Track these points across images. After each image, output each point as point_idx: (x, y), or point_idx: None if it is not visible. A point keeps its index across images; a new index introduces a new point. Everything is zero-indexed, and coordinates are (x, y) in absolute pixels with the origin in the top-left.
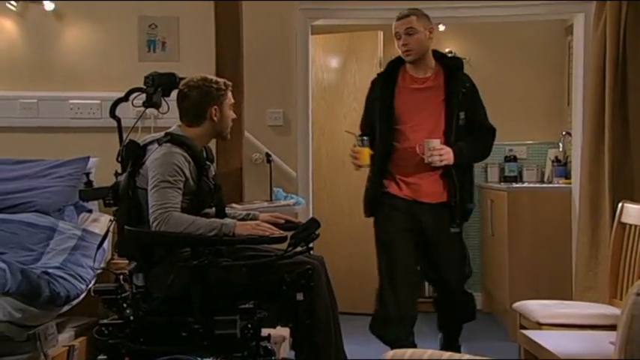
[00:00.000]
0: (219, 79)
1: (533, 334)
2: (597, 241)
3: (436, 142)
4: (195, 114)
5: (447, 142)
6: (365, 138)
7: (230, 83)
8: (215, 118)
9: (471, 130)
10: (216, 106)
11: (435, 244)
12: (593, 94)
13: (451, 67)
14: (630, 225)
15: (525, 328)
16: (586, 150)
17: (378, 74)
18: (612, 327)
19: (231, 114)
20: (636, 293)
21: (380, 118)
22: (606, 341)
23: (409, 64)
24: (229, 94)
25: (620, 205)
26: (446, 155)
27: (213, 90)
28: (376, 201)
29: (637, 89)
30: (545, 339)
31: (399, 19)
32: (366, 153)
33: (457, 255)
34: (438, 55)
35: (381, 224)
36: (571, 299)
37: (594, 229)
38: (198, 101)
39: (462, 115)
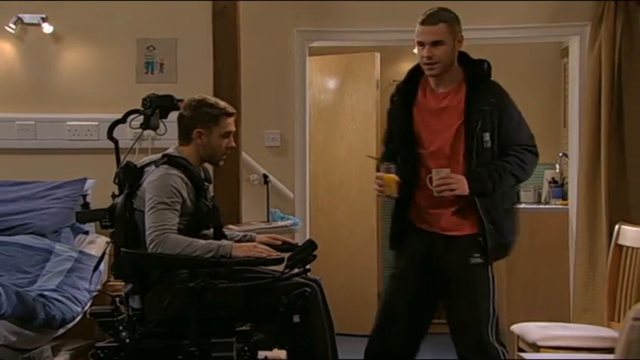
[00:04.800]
0: (219, 104)
1: (531, 357)
2: (594, 263)
3: (445, 172)
4: (183, 133)
5: (468, 170)
6: (392, 165)
7: (232, 111)
8: (199, 141)
9: (504, 153)
10: (201, 129)
11: (450, 281)
12: (589, 116)
13: (474, 78)
14: (627, 247)
15: (523, 351)
16: (582, 171)
17: (397, 86)
18: (610, 350)
19: (224, 142)
20: (633, 318)
21: (400, 142)
22: None
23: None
24: (225, 121)
25: (616, 227)
26: (456, 185)
27: (203, 112)
28: (401, 233)
29: (632, 111)
30: None
31: (425, 23)
32: (392, 181)
33: (474, 291)
34: (464, 61)
35: (397, 256)
36: (569, 321)
37: (591, 251)
38: (186, 121)
39: (486, 136)
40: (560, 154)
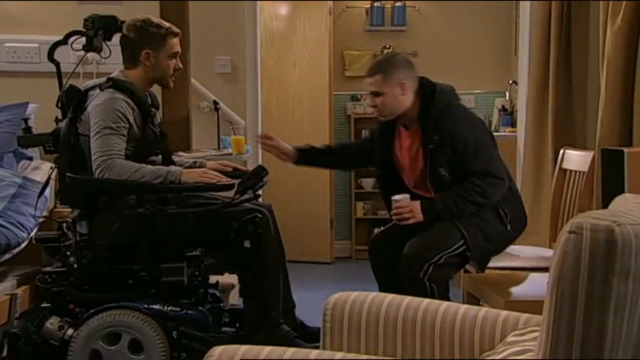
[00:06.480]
0: (163, 24)
1: (476, 278)
2: (540, 188)
3: (401, 200)
4: (130, 56)
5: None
6: (232, 126)
7: (177, 31)
8: (148, 63)
9: (464, 179)
10: (149, 50)
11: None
12: (538, 42)
13: (424, 116)
14: (570, 170)
15: (469, 272)
16: (531, 98)
17: (378, 122)
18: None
19: (172, 63)
20: (569, 231)
21: (384, 171)
22: (544, 282)
23: None
24: (172, 41)
25: (561, 151)
26: (409, 214)
27: (150, 33)
28: None
29: (580, 38)
30: (487, 282)
31: (366, 74)
32: (233, 142)
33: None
34: (422, 92)
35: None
36: (514, 244)
37: (537, 176)
38: (132, 43)
39: (441, 171)
40: (511, 82)
